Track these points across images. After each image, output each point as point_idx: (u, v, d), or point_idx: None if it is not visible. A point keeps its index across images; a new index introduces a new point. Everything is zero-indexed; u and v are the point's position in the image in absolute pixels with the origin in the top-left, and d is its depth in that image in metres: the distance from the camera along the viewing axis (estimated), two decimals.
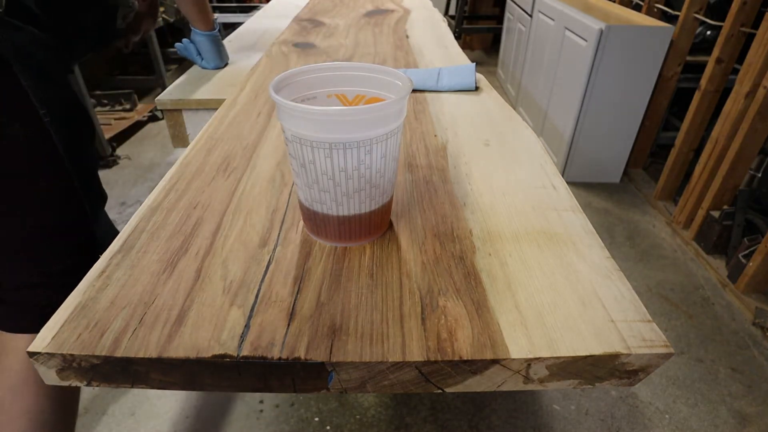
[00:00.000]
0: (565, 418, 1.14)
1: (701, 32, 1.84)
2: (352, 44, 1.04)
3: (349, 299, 0.35)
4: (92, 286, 0.36)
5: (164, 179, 0.50)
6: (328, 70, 0.42)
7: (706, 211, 1.62)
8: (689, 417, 1.14)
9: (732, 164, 1.51)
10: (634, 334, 0.33)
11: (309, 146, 0.35)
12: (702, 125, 1.75)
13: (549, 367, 0.32)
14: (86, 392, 1.16)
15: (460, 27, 3.53)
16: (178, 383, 0.32)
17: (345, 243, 0.41)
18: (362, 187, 0.38)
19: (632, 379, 0.34)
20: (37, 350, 0.31)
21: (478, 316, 0.34)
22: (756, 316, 1.38)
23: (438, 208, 0.46)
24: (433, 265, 0.39)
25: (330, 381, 0.32)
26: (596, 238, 0.42)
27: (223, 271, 0.38)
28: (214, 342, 0.32)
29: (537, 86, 2.36)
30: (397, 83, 0.40)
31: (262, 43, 1.22)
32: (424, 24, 1.24)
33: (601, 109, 1.87)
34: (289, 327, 0.33)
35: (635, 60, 1.76)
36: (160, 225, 0.43)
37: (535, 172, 0.53)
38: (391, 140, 0.37)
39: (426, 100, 0.73)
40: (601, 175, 2.06)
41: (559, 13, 2.07)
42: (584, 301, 0.36)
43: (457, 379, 0.32)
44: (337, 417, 1.13)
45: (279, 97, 0.35)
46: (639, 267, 1.60)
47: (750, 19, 1.51)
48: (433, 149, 0.58)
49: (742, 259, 1.47)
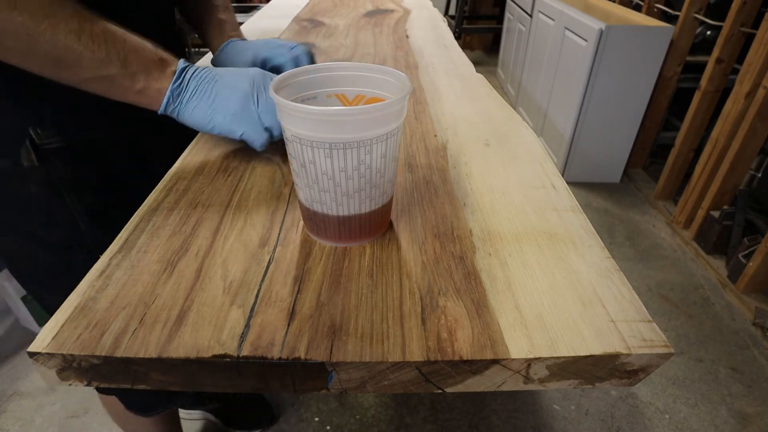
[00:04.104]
0: (565, 418, 1.14)
1: (701, 32, 1.84)
2: (352, 44, 1.04)
3: (349, 299, 0.35)
4: (92, 286, 0.36)
5: (164, 179, 0.50)
6: (328, 70, 0.42)
7: (706, 211, 1.62)
8: (689, 417, 1.14)
9: (732, 164, 1.51)
10: (634, 334, 0.33)
11: (309, 146, 0.35)
12: (702, 125, 1.75)
13: (549, 367, 0.32)
14: (86, 392, 1.16)
15: (460, 27, 3.53)
16: (178, 383, 0.32)
17: (345, 243, 0.41)
18: (362, 187, 0.38)
19: (632, 379, 0.34)
20: (37, 350, 0.31)
21: (478, 316, 0.34)
22: (756, 316, 1.38)
23: (438, 208, 0.46)
24: (433, 265, 0.39)
25: (330, 381, 0.32)
26: (596, 238, 0.42)
27: (223, 271, 0.38)
28: (214, 342, 0.32)
29: (537, 86, 2.36)
30: (397, 83, 0.40)
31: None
32: (424, 24, 1.24)
33: (601, 109, 1.87)
34: (289, 327, 0.33)
35: (635, 60, 1.76)
36: (160, 225, 0.43)
37: (535, 172, 0.53)
38: (391, 140, 0.37)
39: (426, 100, 0.73)
40: (601, 175, 2.06)
41: (559, 13, 2.07)
42: (584, 301, 0.36)
43: (457, 379, 0.32)
44: (337, 417, 1.13)
45: (279, 97, 0.35)
46: (639, 267, 1.60)
47: (750, 19, 1.51)
48: (433, 149, 0.58)
49: (742, 259, 1.47)
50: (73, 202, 0.56)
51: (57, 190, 0.55)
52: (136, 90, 0.47)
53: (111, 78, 0.45)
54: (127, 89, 0.47)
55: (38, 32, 0.40)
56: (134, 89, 0.47)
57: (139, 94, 0.47)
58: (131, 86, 0.46)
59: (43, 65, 0.43)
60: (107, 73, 0.44)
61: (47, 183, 0.54)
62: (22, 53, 0.41)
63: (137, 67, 0.46)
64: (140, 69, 0.46)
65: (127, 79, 0.46)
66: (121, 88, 0.46)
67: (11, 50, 0.41)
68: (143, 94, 0.47)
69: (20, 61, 0.42)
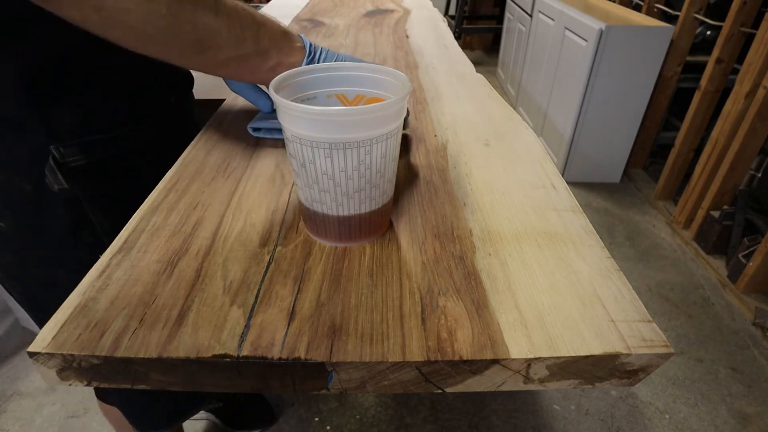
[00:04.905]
0: (565, 418, 1.14)
1: (701, 32, 1.84)
2: (352, 44, 1.04)
3: (349, 299, 0.35)
4: (92, 286, 0.36)
5: (164, 179, 0.50)
6: (328, 70, 0.42)
7: (706, 211, 1.62)
8: (689, 417, 1.14)
9: (732, 164, 1.51)
10: (634, 334, 0.33)
11: (309, 146, 0.35)
12: (702, 125, 1.75)
13: (549, 367, 0.32)
14: (86, 392, 1.16)
15: (460, 27, 3.53)
16: (178, 383, 0.32)
17: (345, 243, 0.41)
18: (362, 187, 0.38)
19: (632, 379, 0.34)
20: (37, 350, 0.31)
21: (478, 316, 0.34)
22: (756, 316, 1.38)
23: (438, 208, 0.46)
24: (433, 265, 0.39)
25: (330, 381, 0.32)
26: (596, 238, 0.42)
27: (223, 271, 0.38)
28: (214, 342, 0.32)
29: (537, 86, 2.36)
30: (397, 83, 0.40)
31: None
32: (424, 24, 1.24)
33: (601, 109, 1.87)
34: (289, 327, 0.33)
35: (635, 60, 1.76)
36: (160, 225, 0.43)
37: (535, 172, 0.53)
38: (391, 140, 0.37)
39: (426, 100, 0.73)
40: (601, 175, 2.06)
41: (559, 13, 2.07)
42: (584, 301, 0.36)
43: (457, 379, 0.32)
44: (337, 417, 1.13)
45: (279, 97, 0.35)
46: (639, 267, 1.60)
47: (750, 19, 1.51)
48: (433, 149, 0.58)
49: (742, 259, 1.47)
50: (99, 219, 0.56)
51: (83, 210, 0.55)
52: (269, 67, 0.45)
53: (245, 57, 0.43)
54: (257, 67, 0.44)
55: (180, 12, 0.37)
56: (266, 66, 0.45)
57: (271, 71, 0.45)
58: (263, 64, 0.44)
59: (183, 50, 0.40)
60: (243, 51, 0.42)
61: (74, 203, 0.54)
62: (164, 40, 0.38)
63: (268, 43, 0.44)
64: (271, 45, 0.44)
65: (260, 57, 0.44)
66: (252, 67, 0.44)
67: (153, 38, 0.38)
68: (276, 71, 0.44)
69: (160, 49, 0.40)
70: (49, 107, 0.49)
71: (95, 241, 0.57)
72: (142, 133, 0.58)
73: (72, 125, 0.51)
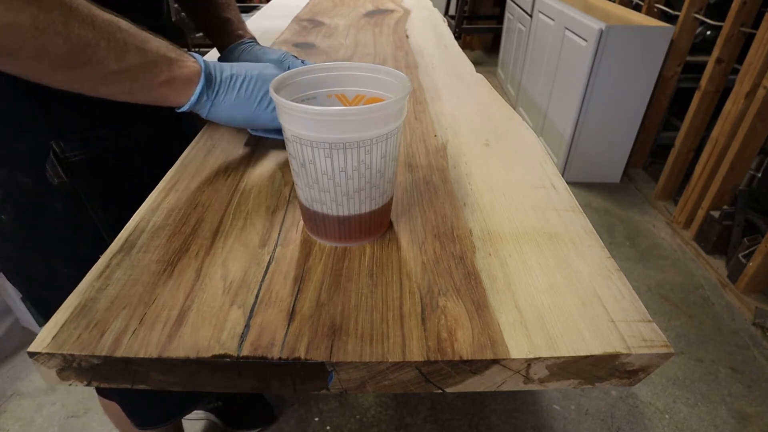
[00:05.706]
0: (565, 418, 1.14)
1: (701, 32, 1.84)
2: (352, 44, 1.04)
3: (349, 299, 0.35)
4: (92, 286, 0.36)
5: (164, 179, 0.50)
6: (328, 70, 0.42)
7: (706, 211, 1.62)
8: (689, 417, 1.14)
9: (732, 164, 1.51)
10: (634, 334, 0.33)
11: (309, 146, 0.35)
12: (702, 125, 1.75)
13: (549, 367, 0.32)
14: (86, 392, 1.16)
15: (460, 27, 3.53)
16: (179, 383, 0.32)
17: (345, 243, 0.41)
18: (362, 187, 0.38)
19: (632, 379, 0.34)
20: (37, 350, 0.31)
21: (478, 316, 0.34)
22: (756, 316, 1.38)
23: (438, 208, 0.46)
24: (433, 265, 0.39)
25: (330, 381, 0.32)
26: (596, 238, 0.42)
27: (223, 271, 0.38)
28: (214, 342, 0.32)
29: (537, 86, 2.36)
30: (397, 83, 0.40)
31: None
32: (424, 24, 1.24)
33: (601, 109, 1.87)
34: (289, 327, 0.33)
35: (635, 60, 1.76)
36: (160, 225, 0.43)
37: (535, 172, 0.53)
38: (391, 140, 0.37)
39: (426, 100, 0.73)
40: (601, 175, 2.06)
41: (559, 13, 2.07)
42: (584, 301, 0.36)
43: (457, 379, 0.32)
44: (337, 417, 1.13)
45: (279, 97, 0.35)
46: (639, 267, 1.60)
47: (750, 19, 1.51)
48: (433, 149, 0.58)
49: (742, 259, 1.47)
50: (98, 215, 0.56)
51: (83, 204, 0.55)
52: (160, 81, 0.42)
53: (131, 70, 0.40)
54: (148, 82, 0.42)
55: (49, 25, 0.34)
56: (157, 81, 0.42)
57: (165, 86, 0.43)
58: (152, 78, 0.42)
59: (55, 65, 0.36)
60: (127, 64, 0.39)
61: (74, 197, 0.54)
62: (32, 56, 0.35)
63: (156, 55, 0.41)
64: (160, 57, 0.42)
65: (147, 70, 0.41)
66: (143, 83, 0.42)
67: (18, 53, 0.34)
68: (172, 86, 0.43)
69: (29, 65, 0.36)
70: (50, 105, 0.50)
71: (95, 238, 0.57)
72: (141, 130, 0.59)
73: (72, 122, 0.52)
